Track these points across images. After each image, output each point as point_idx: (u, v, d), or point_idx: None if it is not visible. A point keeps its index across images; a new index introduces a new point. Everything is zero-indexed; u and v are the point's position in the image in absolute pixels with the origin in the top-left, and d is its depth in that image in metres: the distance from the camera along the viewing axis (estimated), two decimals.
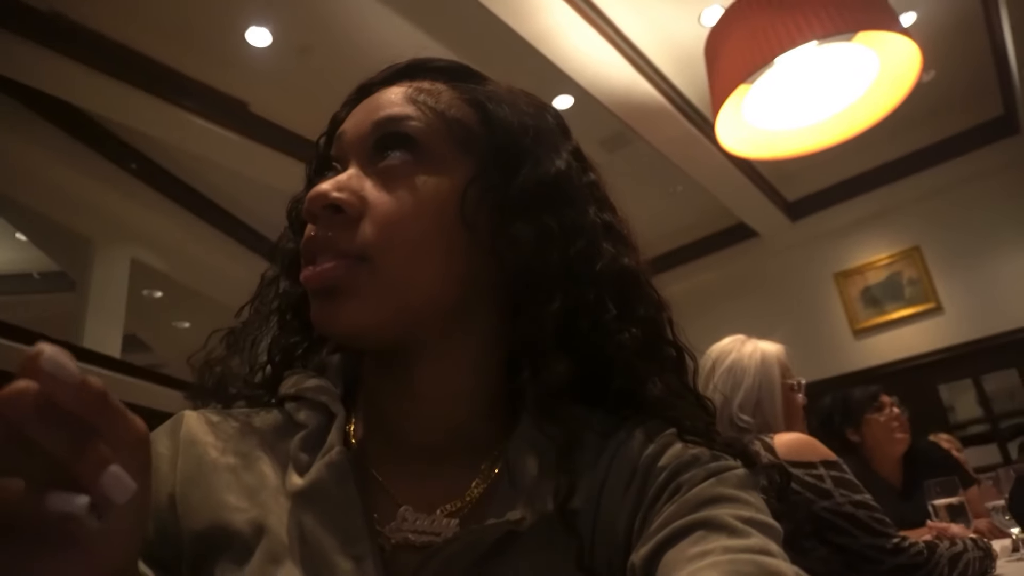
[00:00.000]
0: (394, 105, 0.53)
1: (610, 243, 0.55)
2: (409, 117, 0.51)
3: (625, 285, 0.54)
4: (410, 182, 0.50)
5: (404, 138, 0.51)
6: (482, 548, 0.45)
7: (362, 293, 0.47)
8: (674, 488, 0.46)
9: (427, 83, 0.55)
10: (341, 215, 0.49)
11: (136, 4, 3.39)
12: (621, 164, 4.65)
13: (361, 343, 0.51)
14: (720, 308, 5.42)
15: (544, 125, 0.56)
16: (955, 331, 4.66)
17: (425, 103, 0.53)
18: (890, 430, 2.26)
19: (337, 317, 0.48)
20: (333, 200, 0.48)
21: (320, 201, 0.48)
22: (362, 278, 0.47)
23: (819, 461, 1.40)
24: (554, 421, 0.49)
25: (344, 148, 0.53)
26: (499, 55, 3.22)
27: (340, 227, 0.48)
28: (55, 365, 0.27)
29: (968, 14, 3.77)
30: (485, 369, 0.53)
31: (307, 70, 3.69)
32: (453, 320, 0.51)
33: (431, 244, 0.49)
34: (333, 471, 0.47)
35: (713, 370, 1.64)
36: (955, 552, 1.37)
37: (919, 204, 4.89)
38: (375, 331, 0.48)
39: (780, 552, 0.41)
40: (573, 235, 0.52)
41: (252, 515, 0.47)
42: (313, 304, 0.49)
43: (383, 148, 0.51)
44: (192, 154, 4.34)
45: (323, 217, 0.49)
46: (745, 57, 2.59)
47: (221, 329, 0.58)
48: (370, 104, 0.54)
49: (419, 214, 0.49)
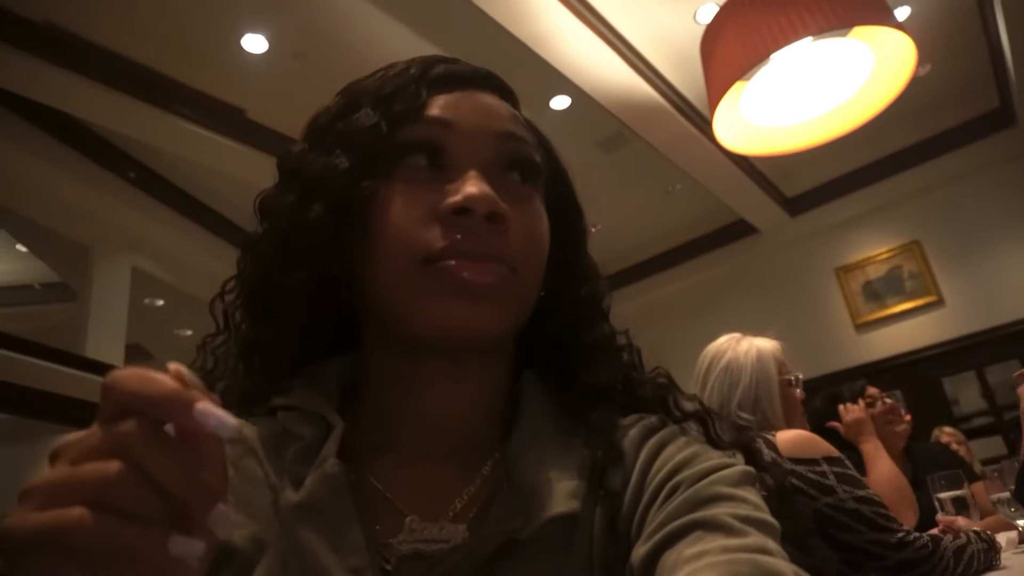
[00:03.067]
0: (510, 122, 0.54)
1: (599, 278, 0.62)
2: (528, 141, 0.54)
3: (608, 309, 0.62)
4: (535, 206, 0.54)
5: (531, 165, 0.54)
6: (484, 556, 0.45)
7: (508, 300, 0.49)
8: (672, 487, 0.46)
9: (509, 105, 0.57)
10: (497, 224, 0.48)
11: (131, 14, 3.39)
12: (620, 164, 4.65)
13: (477, 345, 0.50)
14: (721, 305, 5.43)
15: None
16: (957, 324, 4.65)
17: (529, 129, 0.56)
18: (886, 422, 2.24)
19: (482, 317, 0.48)
20: (501, 210, 0.48)
21: (489, 206, 0.47)
22: (512, 288, 0.49)
23: (821, 457, 1.40)
24: (575, 420, 0.54)
25: (454, 143, 0.51)
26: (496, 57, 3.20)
27: (494, 234, 0.49)
28: (210, 415, 0.28)
29: (962, 7, 3.77)
30: (504, 374, 0.56)
31: (304, 76, 3.70)
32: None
33: (544, 267, 0.54)
34: (328, 483, 0.47)
35: (709, 370, 1.64)
36: (959, 545, 1.36)
37: (918, 198, 4.89)
38: (499, 335, 0.50)
39: (778, 550, 0.40)
40: (599, 275, 0.62)
41: (251, 531, 0.47)
42: (449, 299, 0.47)
43: (510, 166, 0.53)
44: (191, 161, 4.34)
45: (477, 220, 0.48)
46: (741, 54, 2.59)
47: (212, 334, 0.57)
48: (481, 106, 0.53)
49: (545, 236, 0.54)
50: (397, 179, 0.50)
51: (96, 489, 0.27)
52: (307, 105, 0.59)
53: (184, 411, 0.28)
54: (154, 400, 0.28)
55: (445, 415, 0.53)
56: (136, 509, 0.27)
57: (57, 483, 0.27)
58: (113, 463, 0.27)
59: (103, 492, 0.27)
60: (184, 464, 0.28)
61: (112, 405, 0.29)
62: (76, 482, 0.27)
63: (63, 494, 0.27)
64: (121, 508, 0.27)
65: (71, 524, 0.26)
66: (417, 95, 0.52)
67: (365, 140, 0.51)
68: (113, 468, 0.27)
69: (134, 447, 0.27)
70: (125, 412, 0.28)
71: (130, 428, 0.28)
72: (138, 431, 0.28)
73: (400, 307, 0.49)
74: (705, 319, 4.67)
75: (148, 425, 0.28)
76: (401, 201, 0.49)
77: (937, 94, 4.43)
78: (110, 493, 0.27)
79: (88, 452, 0.28)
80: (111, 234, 4.86)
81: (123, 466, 0.27)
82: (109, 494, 0.27)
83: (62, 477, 0.27)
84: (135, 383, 0.28)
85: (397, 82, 0.53)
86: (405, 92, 0.52)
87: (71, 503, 0.26)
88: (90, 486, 0.27)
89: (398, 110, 0.52)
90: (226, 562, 0.45)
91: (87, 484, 0.27)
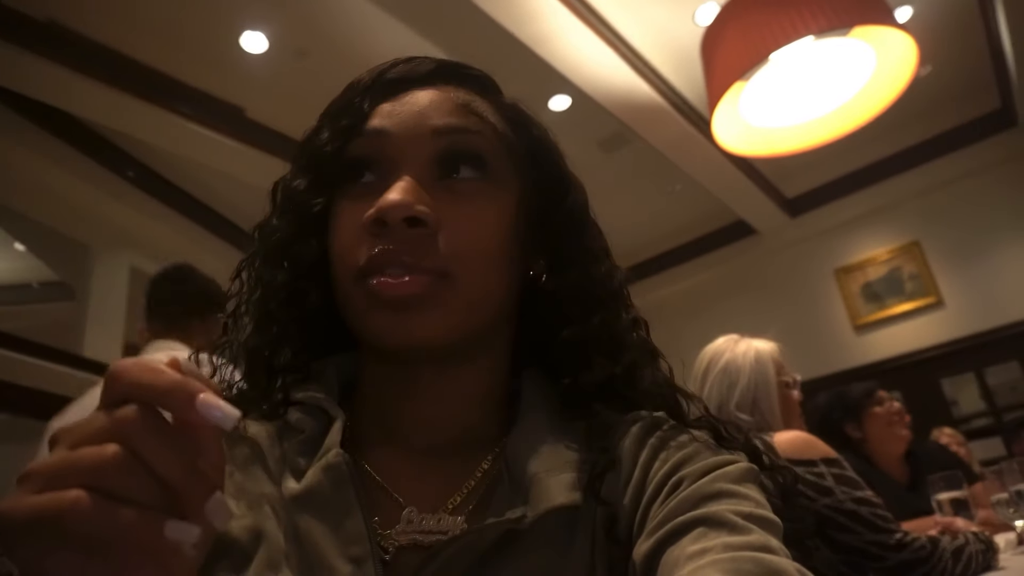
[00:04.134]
0: (450, 114, 0.52)
1: (611, 259, 0.59)
2: (471, 130, 0.52)
3: (623, 296, 0.59)
4: (480, 199, 0.51)
5: (474, 156, 0.52)
6: (482, 547, 0.45)
7: (441, 308, 0.48)
8: (675, 483, 0.46)
9: (464, 92, 0.55)
10: (418, 229, 0.47)
11: (131, 11, 3.39)
12: (620, 164, 4.65)
13: (427, 353, 0.50)
14: (721, 306, 5.43)
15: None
16: (956, 325, 4.65)
17: (478, 115, 0.53)
18: (891, 424, 2.25)
19: (412, 329, 0.47)
20: (417, 213, 0.47)
21: (402, 212, 0.47)
22: (443, 294, 0.48)
23: (820, 459, 1.40)
24: (580, 414, 0.53)
25: (390, 151, 0.51)
26: (495, 57, 3.22)
27: (416, 241, 0.47)
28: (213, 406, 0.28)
29: (964, 7, 3.77)
30: (498, 372, 0.56)
31: (303, 75, 3.69)
32: (492, 329, 0.54)
33: (500, 261, 0.52)
34: (330, 474, 0.47)
35: (707, 371, 1.64)
36: (957, 546, 1.36)
37: (918, 199, 4.89)
38: (445, 342, 0.49)
39: (781, 548, 0.40)
40: (604, 255, 0.58)
41: (249, 522, 0.47)
42: (380, 314, 0.48)
43: (450, 162, 0.51)
44: (190, 160, 4.34)
45: (397, 228, 0.47)
46: (741, 54, 2.59)
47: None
48: (416, 106, 0.52)
49: (492, 232, 0.51)
50: (345, 195, 0.52)
51: (93, 473, 0.27)
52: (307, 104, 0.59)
53: (187, 403, 0.28)
54: (158, 391, 0.28)
55: (440, 415, 0.53)
56: (132, 494, 0.27)
57: (54, 467, 0.28)
58: (110, 448, 0.27)
59: (100, 476, 0.27)
60: (181, 451, 0.28)
61: (114, 394, 0.29)
62: (73, 466, 0.27)
63: (60, 478, 0.27)
64: (118, 492, 0.27)
65: (67, 507, 0.26)
66: (360, 107, 0.53)
67: (316, 159, 0.53)
68: (110, 453, 0.27)
69: (132, 433, 0.28)
70: (126, 400, 0.28)
71: (129, 414, 0.28)
72: (136, 417, 0.28)
73: (352, 321, 0.51)
74: (704, 320, 4.67)
75: (147, 411, 0.28)
76: (343, 217, 0.51)
77: (938, 95, 4.43)
78: (107, 477, 0.27)
79: (87, 437, 0.28)
80: (110, 233, 4.86)
81: (120, 451, 0.27)
82: (106, 478, 0.27)
83: (59, 461, 0.28)
84: (140, 373, 0.29)
85: (348, 96, 0.55)
86: (351, 106, 0.54)
87: (68, 487, 0.26)
88: (87, 470, 0.27)
89: (343, 125, 0.53)
90: (224, 553, 0.45)
91: (84, 468, 0.27)
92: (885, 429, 2.25)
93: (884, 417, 2.25)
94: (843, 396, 2.36)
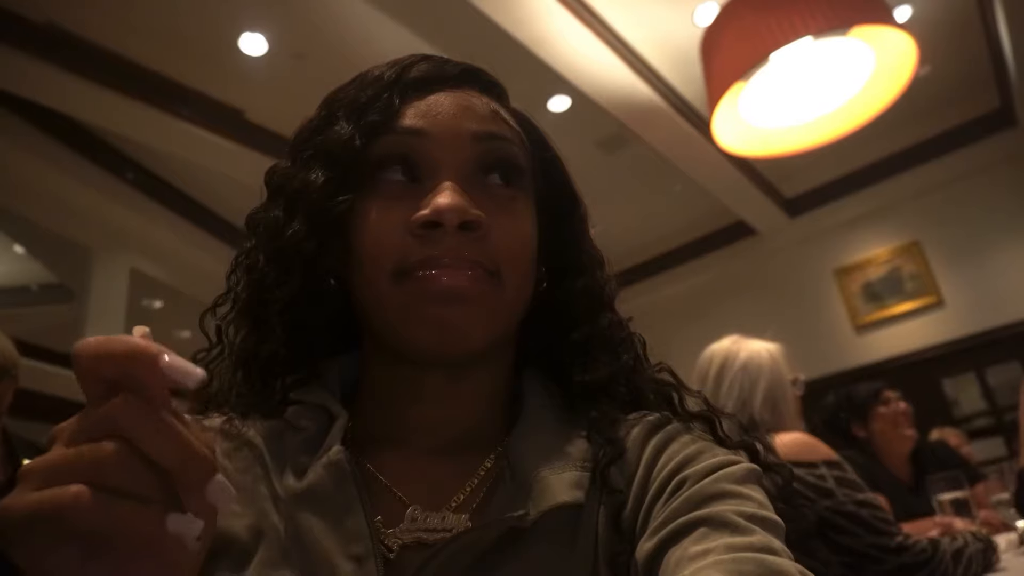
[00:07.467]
0: (486, 120, 0.52)
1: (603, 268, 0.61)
2: (506, 138, 0.53)
3: (612, 300, 0.60)
4: (515, 205, 0.53)
5: (509, 164, 0.53)
6: (485, 545, 0.45)
7: (487, 308, 0.49)
8: (677, 483, 0.46)
9: (489, 99, 0.55)
10: (470, 232, 0.48)
11: (131, 14, 3.39)
12: (619, 165, 4.65)
13: (466, 352, 0.50)
14: (720, 307, 5.42)
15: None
16: (957, 325, 4.65)
17: (508, 123, 0.54)
18: (897, 424, 2.25)
19: (463, 323, 0.48)
20: (473, 218, 0.48)
21: (459, 216, 0.47)
22: (491, 294, 0.49)
23: (821, 461, 1.40)
24: (583, 413, 0.54)
25: (429, 152, 0.50)
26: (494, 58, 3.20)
27: (469, 243, 0.48)
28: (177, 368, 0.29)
29: (963, 7, 3.77)
30: (504, 374, 0.57)
31: (303, 77, 3.69)
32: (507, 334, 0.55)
33: (532, 266, 0.54)
34: (332, 471, 0.47)
35: (723, 370, 1.60)
36: (957, 547, 1.36)
37: (918, 198, 4.89)
38: (485, 342, 0.50)
39: (784, 549, 0.40)
40: (603, 261, 0.60)
41: (250, 520, 0.47)
42: (428, 308, 0.48)
43: (486, 168, 0.52)
44: (189, 162, 4.34)
45: (450, 231, 0.47)
46: (740, 55, 2.59)
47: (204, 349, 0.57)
48: (452, 108, 0.52)
49: (528, 239, 0.53)
50: (374, 193, 0.50)
51: (92, 468, 0.27)
52: (307, 106, 0.58)
53: (151, 364, 0.28)
54: (119, 356, 0.28)
55: (445, 417, 0.53)
56: (132, 487, 0.27)
57: (53, 463, 0.28)
58: (107, 442, 0.27)
59: (99, 471, 0.27)
60: (175, 436, 0.28)
61: (85, 374, 0.29)
62: (72, 462, 0.27)
63: (60, 474, 0.27)
64: (117, 487, 0.27)
65: (68, 503, 0.26)
66: (390, 104, 0.52)
67: (340, 155, 0.51)
68: (107, 447, 0.27)
69: (125, 422, 0.28)
70: (111, 390, 0.28)
71: (119, 404, 0.28)
72: (127, 406, 0.28)
73: (385, 322, 0.50)
74: (704, 321, 4.66)
75: (136, 400, 0.28)
76: (377, 216, 0.50)
77: (937, 95, 4.43)
78: (106, 472, 0.27)
79: (82, 433, 0.28)
80: (109, 235, 4.86)
81: (117, 444, 0.27)
82: (105, 473, 0.27)
83: (58, 458, 0.28)
84: (97, 346, 0.29)
85: (371, 91, 0.53)
86: (379, 101, 0.52)
87: (68, 483, 0.27)
88: (85, 465, 0.27)
89: (372, 121, 0.51)
90: (224, 552, 0.45)
91: (83, 464, 0.27)
92: (891, 429, 2.26)
93: (889, 417, 2.26)
94: (850, 396, 2.36)
